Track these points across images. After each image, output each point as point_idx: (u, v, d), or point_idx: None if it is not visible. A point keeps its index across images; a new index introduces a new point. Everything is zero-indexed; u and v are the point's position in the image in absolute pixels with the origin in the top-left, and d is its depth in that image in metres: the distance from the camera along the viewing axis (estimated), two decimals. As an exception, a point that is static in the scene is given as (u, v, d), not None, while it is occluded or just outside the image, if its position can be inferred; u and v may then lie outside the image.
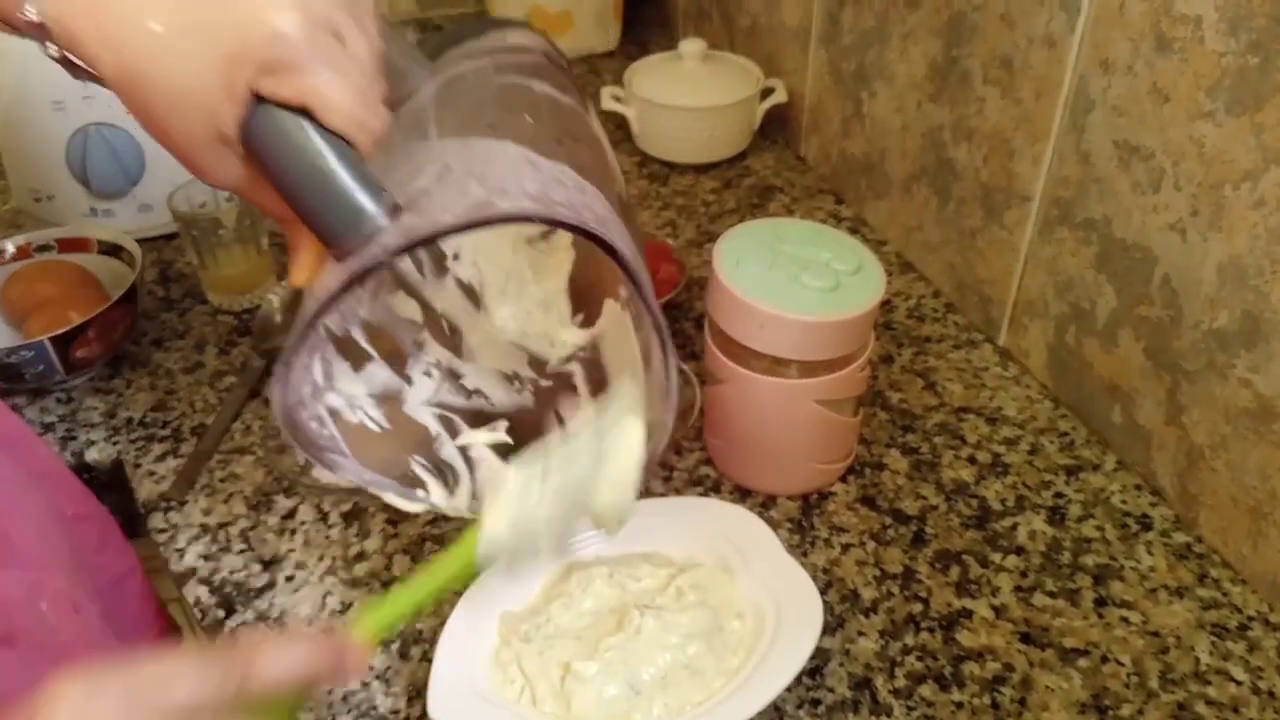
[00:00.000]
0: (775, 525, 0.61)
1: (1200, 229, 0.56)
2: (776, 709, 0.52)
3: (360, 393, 0.52)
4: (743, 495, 0.64)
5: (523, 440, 0.54)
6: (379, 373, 0.53)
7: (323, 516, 0.63)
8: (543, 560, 0.48)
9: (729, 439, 0.64)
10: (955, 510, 0.63)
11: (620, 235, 0.44)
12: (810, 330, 0.56)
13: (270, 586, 0.59)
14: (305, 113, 0.40)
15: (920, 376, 0.73)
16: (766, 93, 0.98)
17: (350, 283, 0.41)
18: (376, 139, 0.42)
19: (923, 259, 0.83)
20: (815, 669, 0.54)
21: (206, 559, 0.61)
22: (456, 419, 0.55)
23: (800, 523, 0.62)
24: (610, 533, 0.49)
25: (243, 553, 0.61)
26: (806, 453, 0.62)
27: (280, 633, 0.52)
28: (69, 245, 0.78)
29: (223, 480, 0.66)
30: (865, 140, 0.88)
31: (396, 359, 0.54)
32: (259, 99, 0.39)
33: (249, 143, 0.40)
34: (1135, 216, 0.61)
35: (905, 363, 0.75)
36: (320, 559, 0.60)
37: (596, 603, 0.54)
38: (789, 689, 0.51)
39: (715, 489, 0.65)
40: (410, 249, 0.41)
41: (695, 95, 0.95)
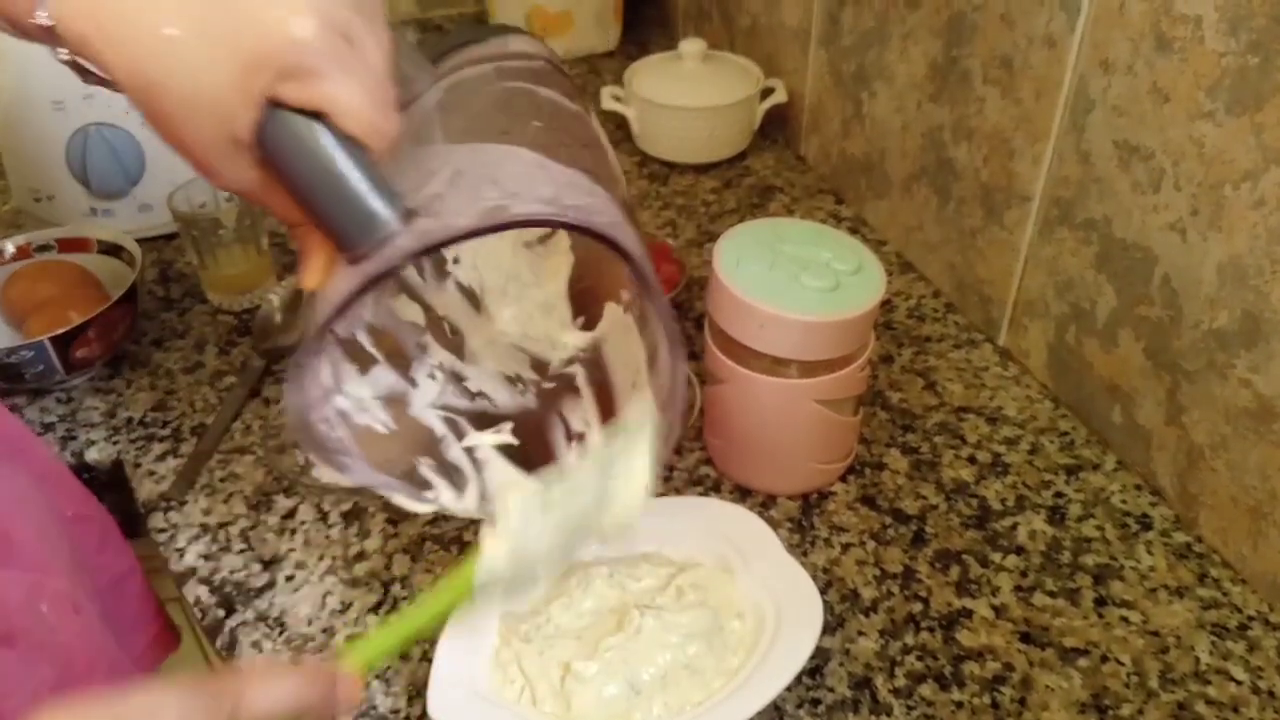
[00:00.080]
0: (775, 525, 0.61)
1: (1200, 229, 0.56)
2: (776, 708, 0.52)
3: (367, 395, 0.52)
4: (743, 495, 0.64)
5: (527, 441, 0.55)
6: (384, 375, 0.53)
7: (323, 516, 0.63)
8: (538, 588, 0.48)
9: (729, 439, 0.64)
10: (955, 510, 0.63)
11: (631, 239, 0.44)
12: (810, 330, 0.56)
13: (270, 586, 0.59)
14: (319, 117, 0.40)
15: (920, 376, 0.73)
16: (766, 93, 0.98)
17: (367, 286, 0.41)
18: (389, 143, 0.42)
19: (923, 259, 0.83)
20: (815, 668, 0.54)
21: (206, 558, 0.61)
22: (462, 421, 0.56)
23: (800, 522, 0.63)
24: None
25: (243, 552, 0.61)
26: (806, 452, 0.62)
27: (271, 663, 0.52)
28: (69, 245, 0.78)
29: (223, 480, 0.66)
30: (865, 140, 0.88)
31: (400, 361, 0.54)
32: (273, 103, 0.39)
33: (263, 147, 0.40)
34: (1135, 216, 0.61)
35: (905, 362, 0.75)
36: (320, 559, 0.60)
37: (596, 602, 0.54)
38: (789, 688, 0.51)
39: (715, 489, 0.65)
40: (426, 253, 0.41)
41: (695, 95, 0.95)
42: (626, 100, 0.99)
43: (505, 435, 0.55)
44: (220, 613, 0.58)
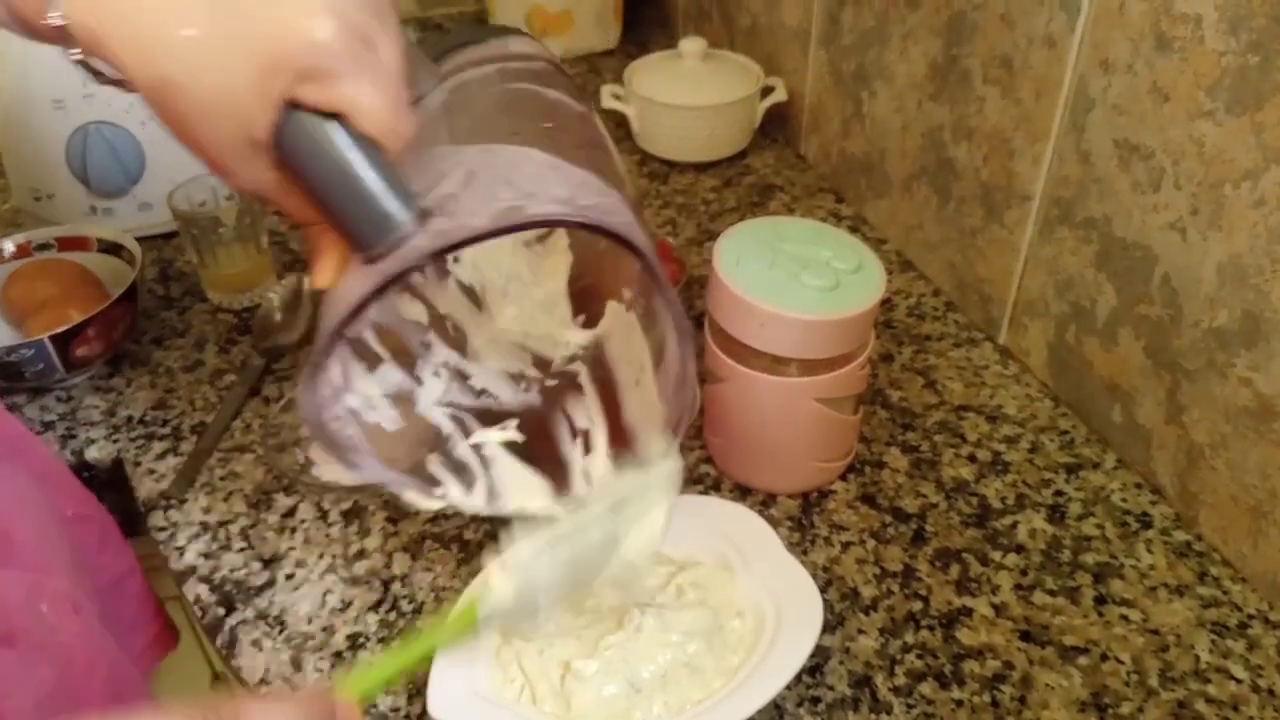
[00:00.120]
0: (775, 523, 0.61)
1: (1200, 228, 0.56)
2: (776, 707, 0.52)
3: (376, 393, 0.53)
4: (743, 493, 0.64)
5: (533, 438, 0.55)
6: (391, 373, 0.54)
7: (323, 515, 0.63)
8: (540, 622, 0.49)
9: (729, 437, 0.64)
10: (955, 508, 0.63)
11: (644, 240, 0.45)
12: (810, 329, 0.56)
13: (270, 584, 0.59)
14: (336, 117, 0.40)
15: (920, 375, 0.73)
16: (766, 91, 0.98)
17: (384, 286, 0.41)
18: (405, 144, 0.42)
19: (923, 258, 0.83)
20: (815, 667, 0.54)
21: (206, 557, 0.61)
22: (468, 418, 0.56)
23: (800, 521, 0.63)
24: None
25: (243, 551, 0.61)
26: (806, 451, 0.62)
27: (267, 693, 0.52)
28: (69, 244, 0.78)
29: (223, 478, 0.66)
30: (865, 139, 0.88)
31: (405, 359, 0.55)
32: (290, 104, 0.39)
33: (280, 147, 0.40)
34: (1135, 216, 0.61)
35: (905, 361, 0.75)
36: (320, 557, 0.60)
37: (596, 601, 0.54)
38: (789, 687, 0.51)
39: (715, 487, 0.65)
40: (444, 253, 0.41)
41: (695, 94, 0.95)
42: (626, 99, 0.99)
43: (511, 432, 0.55)
44: (220, 611, 0.58)
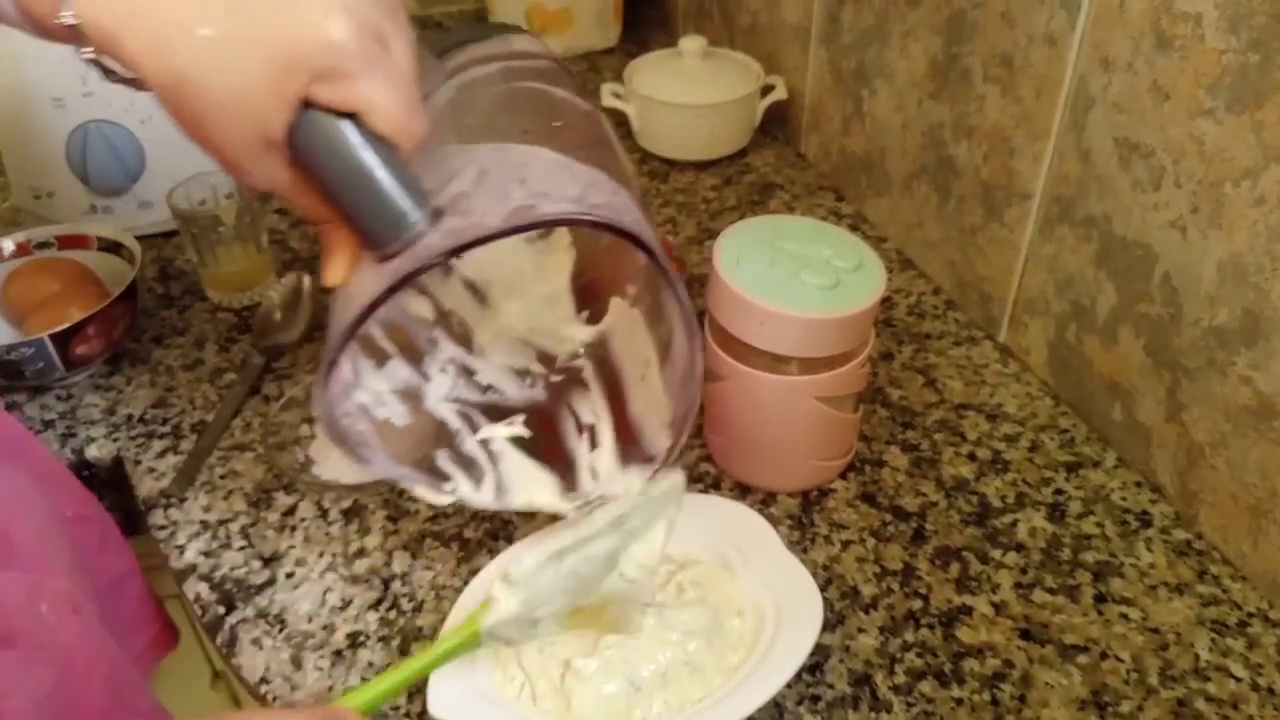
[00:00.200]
0: (775, 522, 0.61)
1: (1200, 227, 0.56)
2: (776, 705, 0.52)
3: (385, 389, 0.53)
4: (743, 492, 0.64)
5: (539, 433, 0.56)
6: (399, 370, 0.54)
7: (323, 513, 0.63)
8: (538, 633, 0.49)
9: (729, 436, 0.64)
10: (955, 507, 0.63)
11: (653, 237, 0.46)
12: (810, 327, 0.56)
13: (270, 583, 0.59)
14: (350, 116, 0.40)
15: (920, 373, 0.73)
16: (767, 90, 0.98)
17: (400, 284, 0.41)
18: (418, 142, 0.42)
19: (923, 256, 0.83)
20: (815, 665, 0.54)
21: (207, 555, 0.61)
22: (475, 414, 0.56)
23: (800, 519, 0.63)
24: None
25: (243, 549, 0.61)
26: (807, 449, 0.62)
27: (278, 710, 0.52)
28: (69, 242, 0.78)
29: (223, 477, 0.66)
30: (865, 138, 0.88)
31: (413, 355, 0.55)
32: (305, 103, 0.39)
33: (293, 146, 0.40)
34: (1135, 214, 0.61)
35: (905, 360, 0.75)
36: (320, 555, 0.60)
37: (593, 614, 0.54)
38: (789, 685, 0.51)
39: (715, 486, 0.65)
40: (457, 252, 0.41)
41: (695, 92, 0.95)
42: (626, 97, 0.99)
43: (517, 428, 0.56)
44: (220, 609, 0.58)
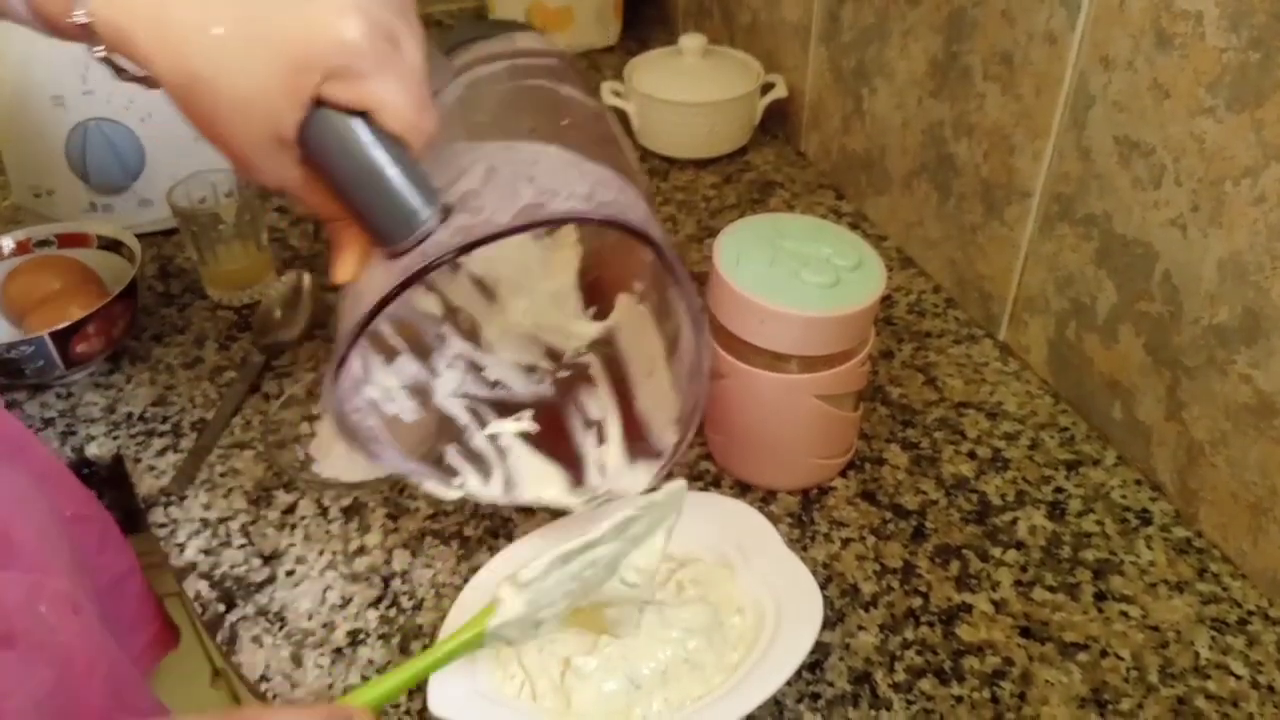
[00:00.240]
0: (775, 520, 0.61)
1: (1201, 225, 0.56)
2: (776, 703, 0.52)
3: (394, 384, 0.54)
4: (743, 490, 0.64)
5: (547, 429, 0.56)
6: (408, 365, 0.54)
7: (323, 511, 0.63)
8: (542, 633, 0.50)
9: (729, 434, 0.64)
10: (955, 505, 0.63)
11: (661, 234, 0.46)
12: (810, 325, 0.56)
13: (270, 581, 0.59)
14: (362, 115, 0.40)
15: (920, 372, 0.74)
16: (767, 88, 0.98)
17: (410, 281, 0.42)
18: (428, 141, 0.42)
19: (923, 254, 0.83)
20: (815, 663, 0.54)
21: (207, 553, 0.61)
22: (483, 409, 0.57)
23: (800, 517, 0.63)
24: None
25: (243, 547, 0.61)
26: (807, 448, 0.62)
27: (284, 705, 0.53)
28: (69, 240, 0.78)
29: (223, 475, 0.66)
30: (866, 136, 0.88)
31: (421, 351, 0.56)
32: (316, 102, 0.40)
33: (305, 144, 0.41)
34: (1136, 212, 0.61)
35: (905, 358, 0.75)
36: (320, 553, 0.61)
37: (591, 615, 0.54)
38: (789, 683, 0.51)
39: (715, 484, 0.65)
40: (466, 250, 0.41)
41: (695, 90, 0.95)
42: (626, 95, 0.99)
43: (525, 423, 0.56)
44: (220, 607, 0.58)
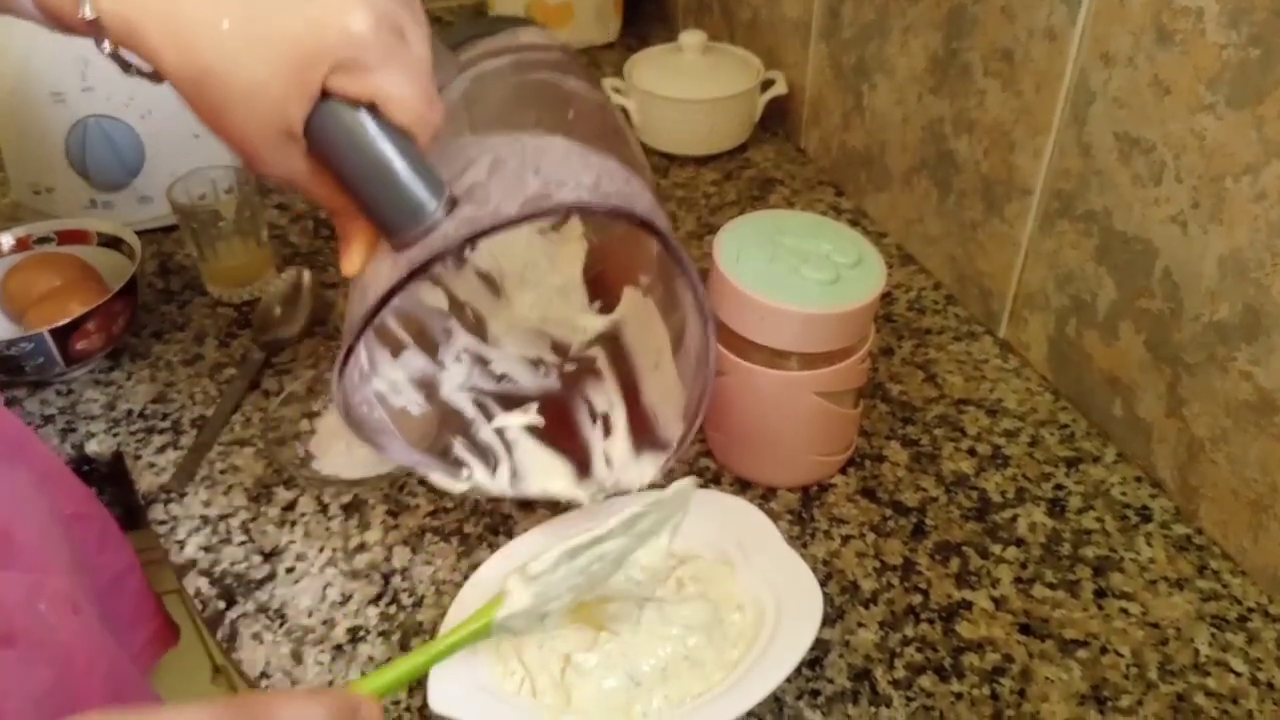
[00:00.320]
0: (775, 517, 0.61)
1: (1201, 222, 0.56)
2: (776, 700, 0.52)
3: (401, 378, 0.54)
4: (743, 487, 0.64)
5: (553, 422, 0.56)
6: (415, 359, 0.55)
7: (323, 508, 0.63)
8: (547, 625, 0.50)
9: (729, 431, 0.64)
10: (955, 502, 0.63)
11: (666, 223, 0.46)
12: (810, 322, 0.56)
13: (270, 578, 0.59)
14: (369, 107, 0.41)
15: (920, 369, 0.74)
16: (767, 85, 0.98)
17: (417, 271, 0.42)
18: (434, 133, 0.43)
19: (923, 251, 0.83)
20: (815, 660, 0.54)
21: (207, 550, 0.61)
22: (490, 402, 0.57)
23: (800, 514, 0.63)
24: None
25: (243, 544, 0.61)
26: (806, 445, 0.62)
27: (295, 689, 0.53)
28: (68, 237, 0.78)
29: (223, 472, 0.66)
30: (866, 133, 0.88)
31: (427, 345, 0.56)
32: (323, 94, 0.40)
33: (312, 136, 0.41)
34: (1136, 209, 0.61)
35: (905, 355, 0.75)
36: (320, 550, 0.61)
37: (594, 610, 0.54)
38: (789, 680, 0.51)
39: (715, 481, 0.65)
40: (473, 240, 0.42)
41: (696, 87, 0.95)
42: (627, 92, 0.99)
43: (532, 416, 0.56)
44: (221, 604, 0.58)
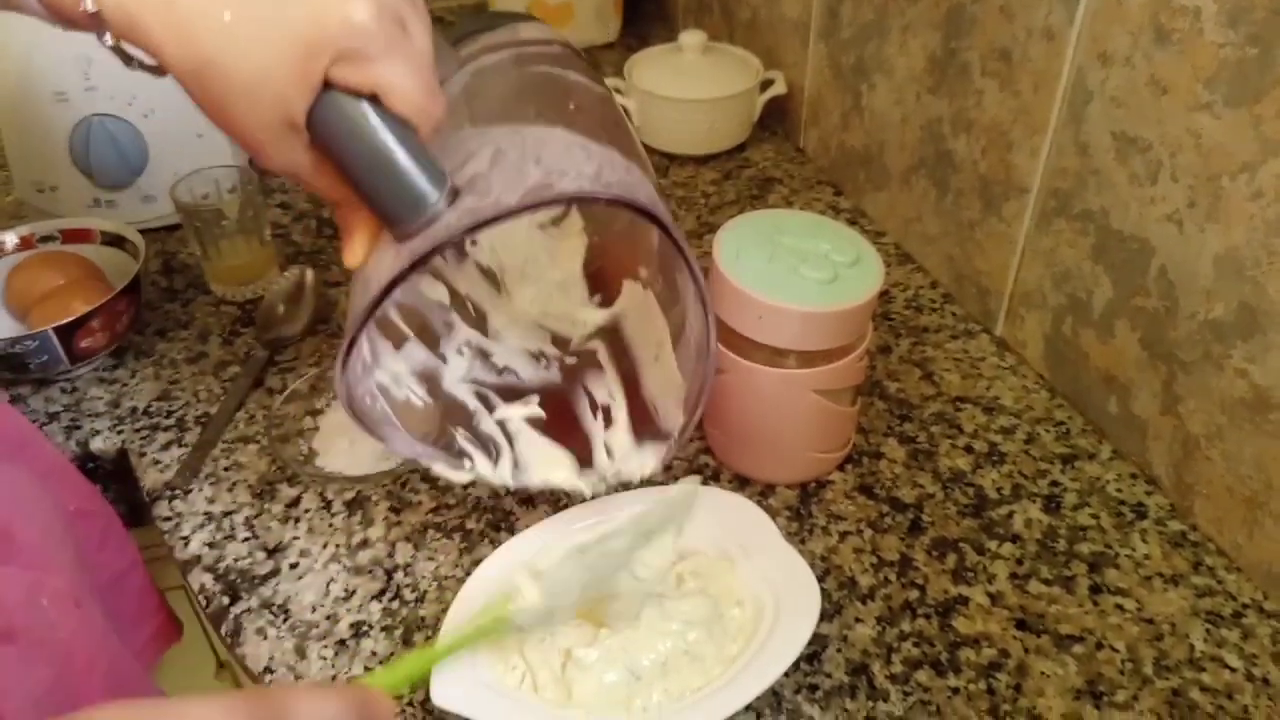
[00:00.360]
0: (774, 514, 0.61)
1: (1198, 220, 0.57)
2: (775, 694, 0.53)
3: (403, 370, 0.54)
4: (742, 484, 0.65)
5: (555, 414, 0.57)
6: (417, 351, 0.55)
7: (326, 505, 0.64)
8: (556, 622, 0.51)
9: (728, 429, 0.64)
10: (952, 499, 0.64)
11: (667, 214, 0.47)
12: (809, 321, 0.56)
13: (274, 574, 0.59)
14: (371, 98, 0.41)
15: (918, 366, 0.74)
16: (766, 85, 0.98)
17: (419, 262, 0.42)
18: (436, 124, 0.43)
19: (921, 250, 0.84)
20: (813, 655, 0.55)
21: (211, 547, 0.61)
22: (492, 394, 0.57)
23: (798, 511, 0.63)
24: None
25: (247, 540, 0.61)
26: (805, 442, 0.63)
27: (310, 682, 0.53)
28: (72, 236, 0.78)
29: (227, 469, 0.66)
30: (864, 132, 0.88)
31: (429, 338, 0.56)
32: (325, 85, 0.40)
33: (314, 127, 0.41)
34: (1133, 208, 0.61)
35: (903, 353, 0.75)
36: (324, 546, 0.61)
37: (599, 608, 0.54)
38: (787, 674, 0.52)
39: (715, 478, 0.65)
40: (476, 229, 0.42)
41: (695, 87, 0.95)
42: (626, 92, 1.00)
43: (533, 408, 0.56)
44: (225, 600, 0.58)
